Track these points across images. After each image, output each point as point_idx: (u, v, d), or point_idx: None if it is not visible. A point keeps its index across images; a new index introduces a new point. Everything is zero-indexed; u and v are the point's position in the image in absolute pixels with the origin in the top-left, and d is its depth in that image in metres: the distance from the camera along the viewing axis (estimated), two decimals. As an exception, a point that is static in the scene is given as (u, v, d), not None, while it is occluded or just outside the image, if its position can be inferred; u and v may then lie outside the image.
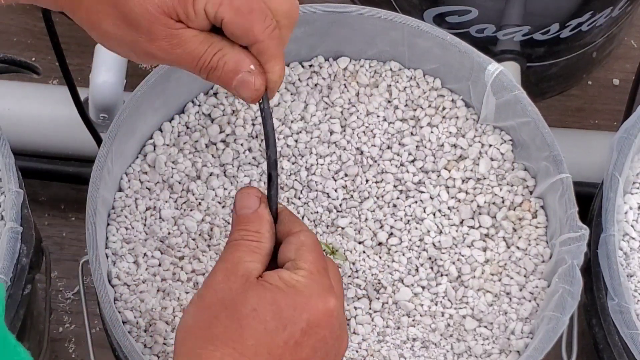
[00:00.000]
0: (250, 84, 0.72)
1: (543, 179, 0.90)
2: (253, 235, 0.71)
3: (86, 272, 0.91)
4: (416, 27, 0.93)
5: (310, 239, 0.72)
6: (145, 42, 0.71)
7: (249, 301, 0.68)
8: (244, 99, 0.73)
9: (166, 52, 0.71)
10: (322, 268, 0.71)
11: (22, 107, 1.30)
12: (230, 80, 0.72)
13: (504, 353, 0.86)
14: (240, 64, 0.71)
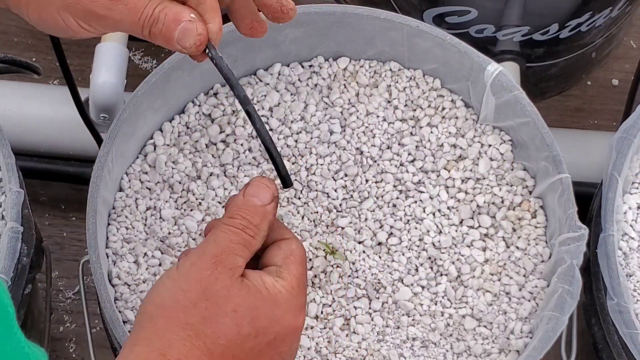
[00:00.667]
0: (192, 31, 0.71)
1: (542, 179, 0.90)
2: (252, 230, 0.70)
3: (86, 271, 0.91)
4: (416, 27, 0.93)
5: (300, 250, 0.72)
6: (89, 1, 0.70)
7: (231, 300, 0.68)
8: (188, 49, 0.71)
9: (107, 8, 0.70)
10: (303, 285, 0.71)
11: (22, 107, 1.31)
12: (172, 31, 0.71)
13: (503, 352, 0.87)
14: (180, 14, 0.71)
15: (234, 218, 0.70)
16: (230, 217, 0.70)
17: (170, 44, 0.72)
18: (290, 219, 0.90)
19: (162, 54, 1.43)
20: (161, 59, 0.89)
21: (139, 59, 1.44)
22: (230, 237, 0.69)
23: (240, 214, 0.70)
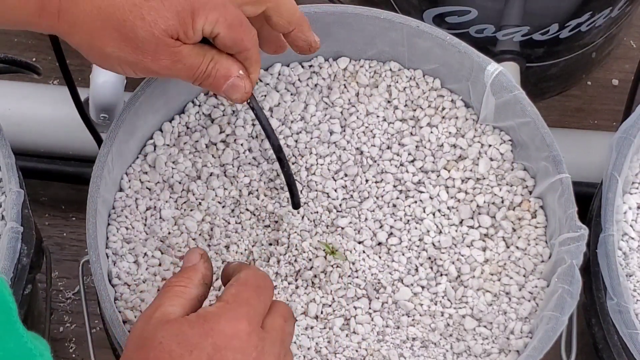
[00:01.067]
0: (240, 87, 0.81)
1: (542, 179, 0.90)
2: (182, 281, 0.76)
3: (86, 271, 0.91)
4: (416, 27, 0.93)
5: (244, 274, 0.76)
6: (149, 61, 0.77)
7: (157, 336, 0.72)
8: (233, 100, 0.82)
9: (167, 68, 0.78)
10: (242, 299, 0.74)
11: (22, 107, 1.31)
12: (221, 85, 0.80)
13: (503, 353, 0.87)
14: (230, 70, 0.80)
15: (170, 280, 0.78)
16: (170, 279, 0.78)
17: (217, 93, 0.82)
18: (290, 219, 0.90)
19: (162, 54, 1.43)
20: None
21: (139, 59, 1.44)
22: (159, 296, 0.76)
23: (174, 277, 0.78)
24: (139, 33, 0.76)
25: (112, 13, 0.75)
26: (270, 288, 0.77)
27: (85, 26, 0.76)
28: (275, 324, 0.75)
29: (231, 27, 0.79)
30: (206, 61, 0.79)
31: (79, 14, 0.75)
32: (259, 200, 0.91)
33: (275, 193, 0.92)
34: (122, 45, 0.76)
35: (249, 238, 0.90)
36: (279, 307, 0.76)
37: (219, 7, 0.78)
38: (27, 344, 0.59)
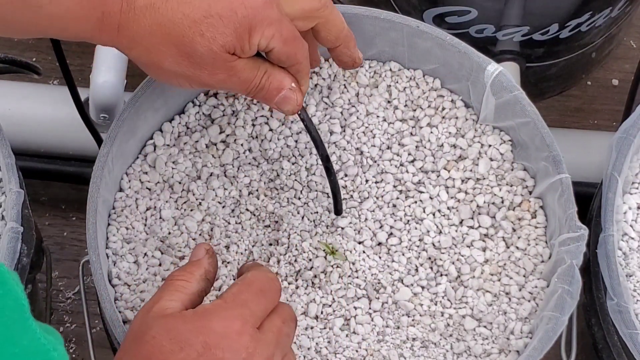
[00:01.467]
0: (292, 100, 0.83)
1: (542, 179, 0.90)
2: (184, 276, 0.77)
3: (87, 271, 0.91)
4: (416, 27, 0.93)
5: (251, 275, 0.77)
6: (205, 75, 0.79)
7: (151, 330, 0.73)
8: (284, 112, 0.83)
9: (223, 81, 0.80)
10: (240, 300, 0.75)
11: (22, 107, 1.31)
12: (274, 97, 0.82)
13: (503, 353, 0.87)
14: (283, 83, 0.82)
15: (172, 273, 0.78)
16: (171, 274, 0.79)
17: (269, 105, 0.84)
18: (290, 219, 0.90)
19: (162, 54, 1.43)
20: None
21: (139, 59, 1.44)
22: (160, 290, 0.77)
23: (178, 270, 0.79)
24: (198, 49, 0.77)
25: (171, 29, 0.77)
26: (275, 291, 0.77)
27: (144, 41, 0.77)
28: (273, 325, 0.75)
29: (286, 42, 0.80)
30: (260, 74, 0.81)
31: (138, 29, 0.76)
32: (259, 201, 0.91)
33: (275, 193, 0.92)
34: (179, 60, 0.78)
35: (249, 238, 0.90)
36: (279, 309, 0.77)
37: (275, 23, 0.79)
38: (41, 339, 0.60)
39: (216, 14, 0.77)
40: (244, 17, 0.78)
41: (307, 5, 0.82)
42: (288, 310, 0.78)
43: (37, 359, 0.60)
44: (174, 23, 0.77)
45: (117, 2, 0.76)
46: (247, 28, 0.78)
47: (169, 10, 0.77)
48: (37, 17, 0.75)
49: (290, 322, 0.77)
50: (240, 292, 0.75)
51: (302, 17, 0.82)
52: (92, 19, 0.76)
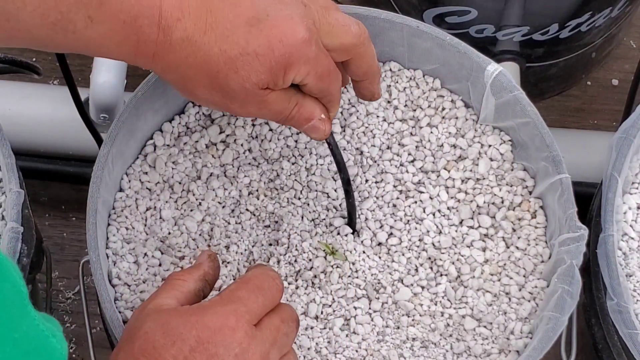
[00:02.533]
0: (321, 130, 0.83)
1: (542, 179, 0.90)
2: (182, 276, 0.78)
3: (87, 272, 0.91)
4: (416, 27, 0.93)
5: (250, 273, 0.78)
6: (236, 107, 0.80)
7: (144, 326, 0.73)
8: (312, 138, 0.84)
9: (254, 113, 0.81)
10: (235, 296, 0.75)
11: (22, 107, 1.31)
12: (302, 125, 0.83)
13: (503, 353, 0.87)
14: (313, 113, 0.83)
15: (171, 274, 0.79)
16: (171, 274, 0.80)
17: (298, 129, 0.85)
18: (290, 219, 0.90)
19: (162, 54, 1.42)
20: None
21: (139, 59, 1.44)
22: (160, 286, 0.78)
23: (177, 271, 0.80)
24: (231, 84, 0.78)
25: (207, 63, 0.77)
26: (274, 290, 0.77)
27: (178, 70, 0.78)
28: (270, 323, 0.75)
29: (320, 78, 0.81)
30: (291, 106, 0.81)
31: (174, 59, 0.77)
32: (259, 201, 0.91)
33: (275, 193, 0.92)
34: (212, 92, 0.78)
35: (249, 238, 0.90)
36: (279, 308, 0.77)
37: (310, 61, 0.79)
38: (39, 325, 0.60)
39: (253, 51, 0.77)
40: (281, 55, 0.78)
41: (346, 41, 0.82)
42: (289, 310, 0.77)
43: (36, 344, 0.60)
44: (210, 58, 0.77)
45: (153, 32, 0.75)
46: (283, 66, 0.78)
47: (206, 44, 0.77)
48: (72, 40, 0.75)
49: (290, 322, 0.77)
50: (237, 289, 0.76)
51: (340, 50, 0.82)
52: (128, 45, 0.76)
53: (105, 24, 0.74)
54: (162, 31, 0.76)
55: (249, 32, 0.77)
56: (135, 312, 0.76)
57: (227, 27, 0.77)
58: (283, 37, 0.78)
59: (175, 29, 0.76)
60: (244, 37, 0.77)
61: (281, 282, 0.78)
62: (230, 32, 0.77)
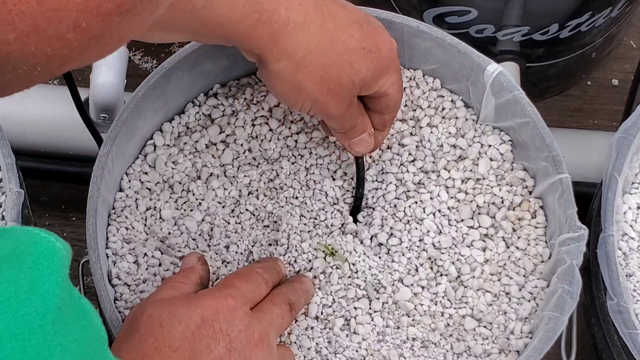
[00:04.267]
0: (367, 144, 0.87)
1: (542, 179, 0.90)
2: (180, 279, 0.81)
3: (86, 271, 0.91)
4: (416, 27, 0.93)
5: (242, 268, 0.84)
6: (333, 104, 0.81)
7: (147, 311, 0.76)
8: (354, 151, 0.87)
9: (341, 115, 0.83)
10: (228, 283, 0.79)
11: (22, 107, 1.31)
12: (355, 137, 0.86)
13: (503, 353, 0.87)
14: (366, 128, 0.86)
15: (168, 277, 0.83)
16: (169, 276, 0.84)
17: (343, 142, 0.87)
18: (289, 219, 0.90)
19: (162, 54, 1.43)
20: (161, 59, 0.89)
21: (139, 59, 1.44)
22: (159, 288, 0.81)
23: (174, 275, 0.83)
24: (343, 77, 0.80)
25: (327, 50, 0.78)
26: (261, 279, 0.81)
27: (295, 56, 0.78)
28: (264, 307, 0.80)
29: (400, 91, 0.85)
30: (359, 115, 0.85)
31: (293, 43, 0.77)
32: (259, 201, 0.91)
33: (274, 193, 0.92)
34: (321, 84, 0.79)
35: (248, 238, 0.90)
36: (272, 294, 0.82)
37: (399, 72, 0.84)
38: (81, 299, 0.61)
39: (367, 46, 0.80)
40: (385, 57, 0.81)
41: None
42: (281, 295, 0.82)
43: None
44: (332, 44, 0.78)
45: (275, 11, 0.75)
46: (383, 69, 0.81)
47: (327, 31, 0.78)
48: (190, 19, 0.75)
49: (282, 305, 0.81)
50: (229, 279, 0.80)
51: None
52: (247, 24, 0.75)
53: (224, 4, 0.74)
54: (284, 11, 0.76)
55: (360, 29, 0.80)
56: (133, 308, 0.78)
57: (342, 21, 0.79)
58: (386, 43, 0.82)
59: (297, 11, 0.76)
60: (358, 33, 0.80)
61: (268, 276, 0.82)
62: (345, 25, 0.79)
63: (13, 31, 0.47)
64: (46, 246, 0.55)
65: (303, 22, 0.77)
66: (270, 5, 0.75)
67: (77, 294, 0.57)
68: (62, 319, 0.54)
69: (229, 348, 0.74)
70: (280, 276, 0.86)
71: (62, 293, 0.55)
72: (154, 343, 0.73)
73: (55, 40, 0.48)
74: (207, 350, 0.73)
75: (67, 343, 0.54)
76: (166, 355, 0.73)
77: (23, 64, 0.49)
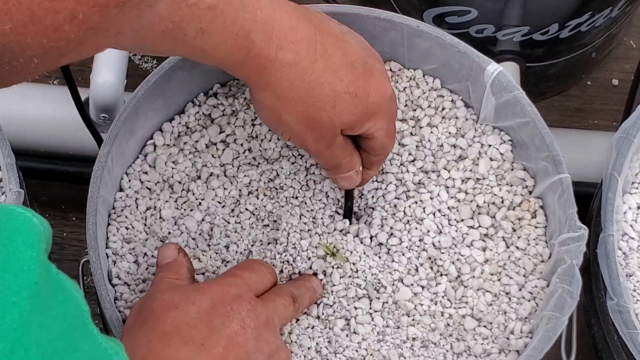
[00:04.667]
0: (353, 181, 0.87)
1: (542, 179, 0.90)
2: (172, 275, 0.82)
3: (86, 271, 0.91)
4: (416, 27, 0.93)
5: (252, 259, 0.86)
6: (311, 140, 0.82)
7: (158, 297, 0.78)
8: (339, 185, 0.89)
9: (320, 151, 0.84)
10: (229, 273, 0.82)
11: (22, 107, 1.30)
12: (342, 173, 0.86)
13: (503, 352, 0.87)
14: (353, 166, 0.87)
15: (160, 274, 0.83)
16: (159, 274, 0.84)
17: (329, 175, 0.89)
18: (288, 218, 0.90)
19: (162, 54, 1.43)
20: (161, 59, 0.89)
21: (139, 59, 1.44)
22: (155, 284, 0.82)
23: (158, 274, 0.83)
24: (322, 117, 0.80)
25: (311, 89, 0.79)
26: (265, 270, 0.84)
27: (279, 90, 0.79)
28: (267, 297, 0.82)
29: (387, 135, 0.85)
30: (346, 154, 0.85)
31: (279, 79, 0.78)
32: (259, 200, 0.91)
33: (274, 193, 0.92)
34: (299, 120, 0.80)
35: (248, 238, 0.90)
36: (275, 287, 0.84)
37: (389, 117, 0.84)
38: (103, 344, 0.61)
39: (353, 91, 0.80)
40: (373, 102, 0.81)
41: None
42: (283, 288, 0.84)
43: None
44: (316, 85, 0.79)
45: (265, 47, 0.77)
46: (370, 114, 0.81)
47: (315, 72, 0.78)
48: (180, 47, 0.76)
49: (285, 296, 0.83)
50: (232, 269, 0.83)
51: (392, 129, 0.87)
52: (236, 56, 0.77)
53: (216, 35, 0.75)
54: (274, 48, 0.77)
55: (352, 73, 0.80)
56: (140, 300, 0.80)
57: (335, 63, 0.79)
58: (378, 88, 0.82)
59: (287, 49, 0.77)
60: (348, 76, 0.80)
61: (268, 266, 0.85)
62: (338, 67, 0.79)
63: (9, 21, 0.47)
64: (22, 222, 0.55)
65: (291, 60, 0.78)
66: (261, 42, 0.77)
67: (54, 270, 0.57)
68: (39, 294, 0.54)
69: (242, 325, 0.77)
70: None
71: (38, 268, 0.54)
72: (172, 322, 0.75)
73: (52, 31, 0.48)
74: (223, 327, 0.76)
75: (43, 319, 0.54)
76: (186, 332, 0.75)
77: (19, 56, 0.48)
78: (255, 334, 0.78)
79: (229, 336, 0.76)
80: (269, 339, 0.79)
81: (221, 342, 0.75)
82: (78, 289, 0.59)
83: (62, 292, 0.57)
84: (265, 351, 0.78)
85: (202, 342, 0.75)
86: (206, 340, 0.75)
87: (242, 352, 0.76)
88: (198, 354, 0.75)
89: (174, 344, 0.74)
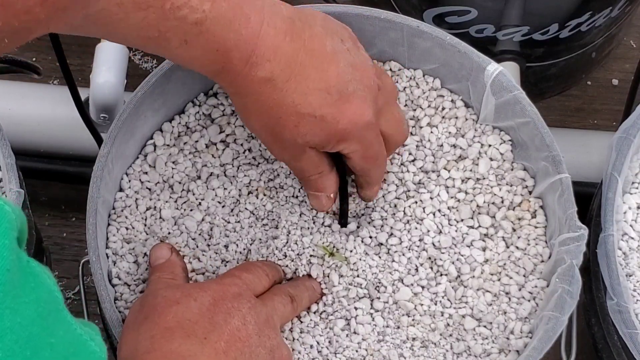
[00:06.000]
0: (322, 204, 0.88)
1: (542, 179, 0.90)
2: (169, 276, 0.84)
3: (86, 272, 0.91)
4: (416, 27, 0.93)
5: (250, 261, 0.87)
6: (277, 150, 0.84)
7: (159, 294, 0.79)
8: (310, 204, 0.89)
9: (287, 160, 0.85)
10: (228, 274, 0.83)
11: (22, 107, 1.31)
12: (311, 191, 0.87)
13: (503, 352, 0.87)
14: (326, 188, 0.86)
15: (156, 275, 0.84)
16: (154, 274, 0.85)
17: (304, 190, 0.90)
18: (287, 216, 0.90)
19: (162, 54, 1.43)
20: (161, 59, 0.89)
21: (139, 59, 1.45)
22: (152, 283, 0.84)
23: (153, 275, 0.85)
24: (285, 134, 0.81)
25: (276, 106, 0.80)
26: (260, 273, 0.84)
27: (246, 100, 0.80)
28: (265, 297, 0.83)
29: (365, 159, 0.84)
30: (315, 172, 0.85)
31: (248, 92, 0.80)
32: (258, 200, 0.91)
33: (274, 192, 0.92)
34: (263, 129, 0.82)
35: (247, 237, 0.90)
36: (272, 288, 0.85)
37: (364, 142, 0.83)
38: (77, 330, 0.61)
39: (321, 116, 0.80)
40: (343, 129, 0.81)
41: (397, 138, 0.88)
42: (281, 288, 0.85)
43: (75, 348, 0.61)
44: (281, 104, 0.80)
45: (239, 65, 0.78)
46: (339, 138, 0.82)
47: (283, 91, 0.79)
48: (161, 52, 0.79)
49: (284, 296, 0.84)
50: (231, 270, 0.85)
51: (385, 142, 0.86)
52: (212, 68, 0.79)
53: (198, 49, 0.77)
54: (248, 66, 0.78)
55: (324, 98, 0.80)
56: (140, 298, 0.81)
57: (308, 86, 0.80)
58: (351, 115, 0.81)
59: (262, 67, 0.78)
60: (318, 101, 0.80)
61: (269, 269, 0.86)
62: (309, 90, 0.80)
63: None
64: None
65: (262, 78, 0.79)
66: (238, 60, 0.78)
67: (25, 257, 0.57)
68: (11, 281, 0.54)
69: (244, 321, 0.78)
70: (280, 274, 0.87)
71: (10, 255, 0.54)
72: (174, 317, 0.76)
73: (23, 13, 0.49)
74: (225, 322, 0.77)
75: (16, 305, 0.55)
76: (188, 327, 0.76)
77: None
78: (257, 330, 0.79)
79: (230, 331, 0.77)
80: (270, 335, 0.80)
81: (223, 336, 0.77)
82: (51, 275, 0.60)
83: (33, 278, 0.57)
84: (268, 346, 0.79)
85: (205, 336, 0.76)
86: (208, 335, 0.76)
87: (245, 346, 0.78)
88: (201, 347, 0.76)
89: (176, 338, 0.76)
